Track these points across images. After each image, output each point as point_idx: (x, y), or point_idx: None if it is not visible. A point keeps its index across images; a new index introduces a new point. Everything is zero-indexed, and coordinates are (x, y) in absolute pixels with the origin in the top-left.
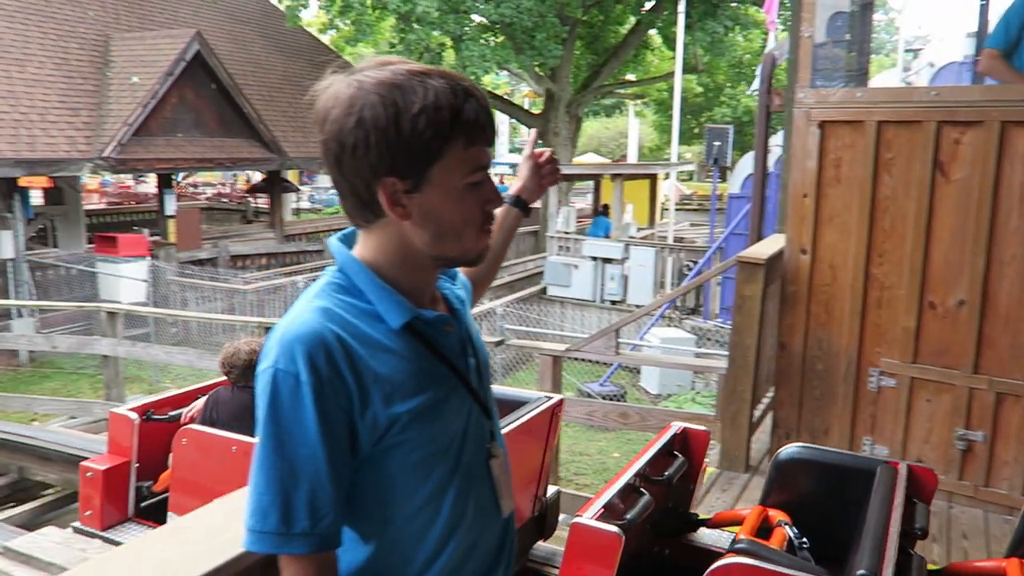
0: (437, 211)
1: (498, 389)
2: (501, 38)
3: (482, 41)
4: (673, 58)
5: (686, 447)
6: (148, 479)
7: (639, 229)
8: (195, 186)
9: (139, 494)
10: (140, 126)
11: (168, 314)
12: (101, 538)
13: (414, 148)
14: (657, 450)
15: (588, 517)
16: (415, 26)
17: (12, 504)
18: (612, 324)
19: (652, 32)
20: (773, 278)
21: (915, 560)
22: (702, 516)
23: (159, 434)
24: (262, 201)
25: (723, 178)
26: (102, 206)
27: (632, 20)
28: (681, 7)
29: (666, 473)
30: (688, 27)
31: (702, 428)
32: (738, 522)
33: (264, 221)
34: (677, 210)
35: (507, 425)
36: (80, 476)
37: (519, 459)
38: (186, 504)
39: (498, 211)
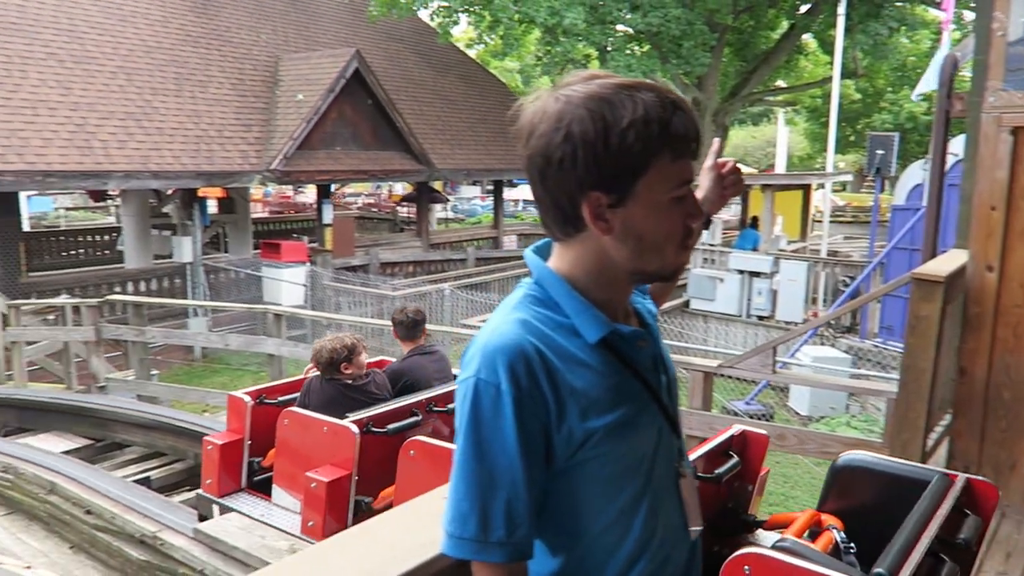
0: (640, 226)
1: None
2: (647, 47)
3: (627, 51)
4: (829, 63)
5: (744, 449)
6: (259, 455)
7: (790, 242)
8: (347, 196)
9: (251, 468)
10: (303, 140)
11: (324, 317)
12: (220, 504)
13: (622, 162)
14: (711, 448)
15: None
16: (561, 39)
17: (188, 488)
18: (769, 341)
19: (807, 36)
20: (952, 297)
21: (947, 568)
22: (759, 518)
23: (269, 416)
24: (409, 211)
25: (882, 189)
26: (265, 215)
27: (785, 24)
28: (841, 9)
29: (716, 471)
30: (848, 30)
31: (762, 432)
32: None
33: (411, 230)
34: (830, 223)
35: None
36: (203, 449)
37: None
38: (286, 474)
39: None
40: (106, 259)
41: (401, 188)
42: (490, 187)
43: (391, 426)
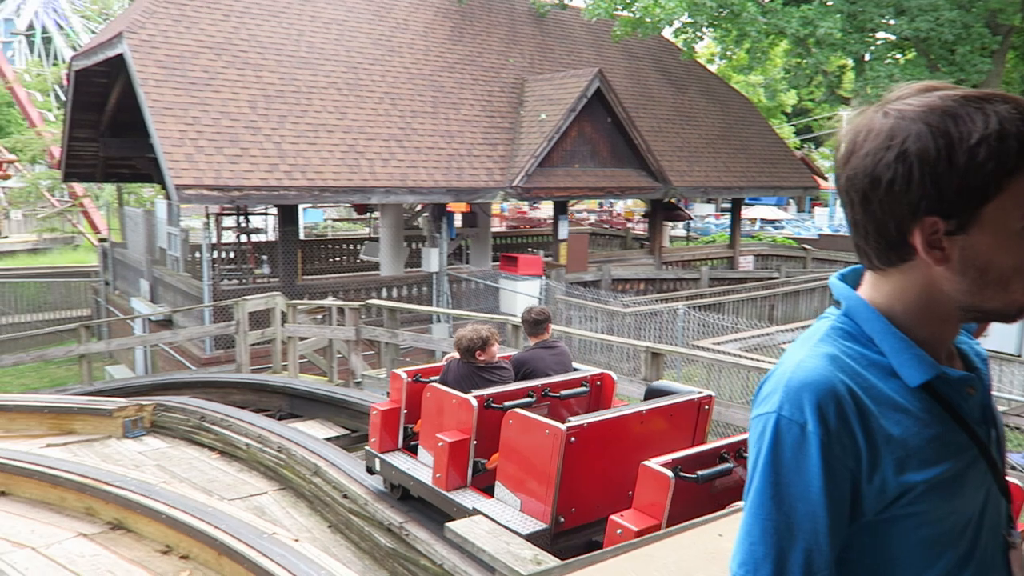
0: (984, 256)
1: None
2: (911, 54)
3: (888, 60)
4: None
5: None
6: (412, 422)
7: None
8: (579, 212)
9: (406, 433)
10: (544, 158)
11: (555, 330)
12: (379, 458)
13: (968, 183)
14: None
15: None
16: (813, 49)
17: None
18: None
19: None
20: None
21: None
22: None
23: (421, 391)
24: (640, 228)
25: None
26: (502, 229)
27: None
28: None
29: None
30: None
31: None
32: None
33: (643, 248)
34: None
35: None
36: (369, 414)
37: None
38: (427, 436)
39: None
40: (365, 266)
41: (620, 204)
42: (726, 205)
43: (507, 403)
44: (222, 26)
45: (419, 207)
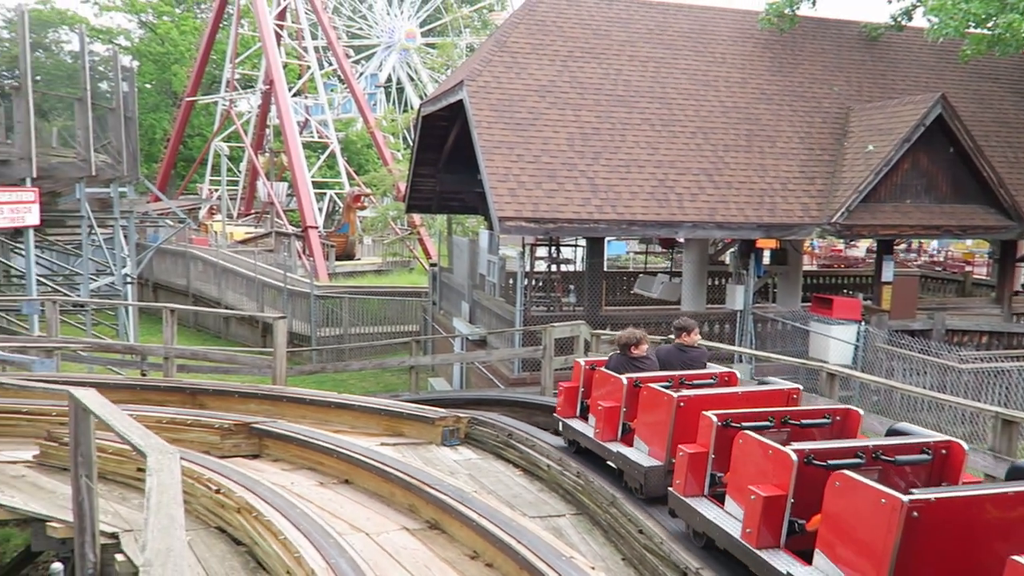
0: None
1: None
2: None
3: None
4: None
5: None
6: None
7: None
8: (905, 252)
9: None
10: (869, 192)
11: (875, 381)
12: (562, 422)
13: None
14: None
15: None
16: None
17: None
18: None
19: None
20: None
21: None
22: None
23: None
24: (983, 272)
25: None
26: (813, 268)
27: None
28: None
29: None
30: None
31: None
32: None
33: (987, 295)
34: None
35: None
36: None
37: None
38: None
39: None
40: (665, 300)
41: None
42: None
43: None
44: (548, 70)
45: (726, 242)
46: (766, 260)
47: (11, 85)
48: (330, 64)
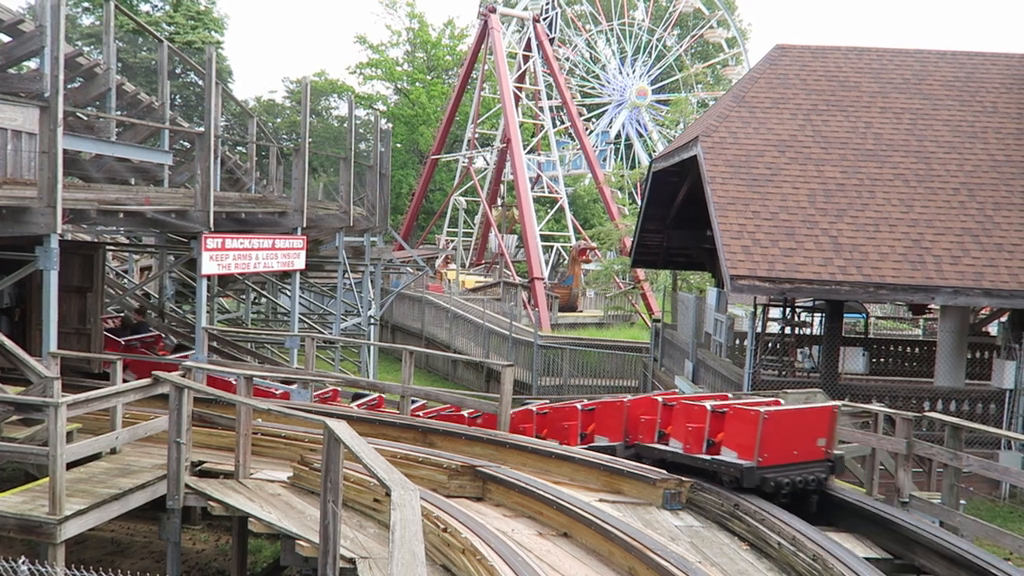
0: None
1: None
2: None
3: None
4: None
5: None
6: None
7: None
8: None
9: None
10: None
11: None
12: None
13: None
14: None
15: None
16: None
17: None
18: None
19: None
20: None
21: None
22: None
23: None
24: None
25: None
26: None
27: None
28: None
29: None
30: None
31: None
32: None
33: None
34: None
35: None
36: None
37: None
38: None
39: None
40: (912, 371)
41: None
42: None
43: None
44: (788, 124)
45: (993, 311)
46: None
47: (292, 148)
48: (563, 123)
